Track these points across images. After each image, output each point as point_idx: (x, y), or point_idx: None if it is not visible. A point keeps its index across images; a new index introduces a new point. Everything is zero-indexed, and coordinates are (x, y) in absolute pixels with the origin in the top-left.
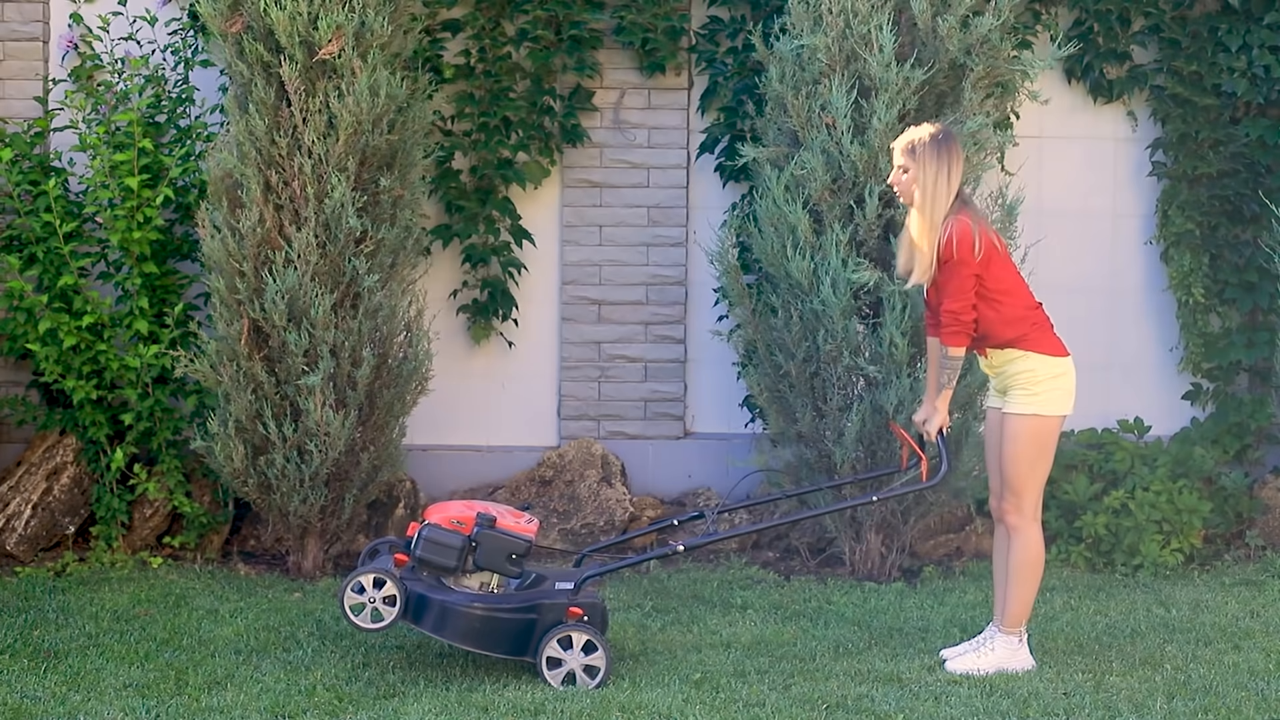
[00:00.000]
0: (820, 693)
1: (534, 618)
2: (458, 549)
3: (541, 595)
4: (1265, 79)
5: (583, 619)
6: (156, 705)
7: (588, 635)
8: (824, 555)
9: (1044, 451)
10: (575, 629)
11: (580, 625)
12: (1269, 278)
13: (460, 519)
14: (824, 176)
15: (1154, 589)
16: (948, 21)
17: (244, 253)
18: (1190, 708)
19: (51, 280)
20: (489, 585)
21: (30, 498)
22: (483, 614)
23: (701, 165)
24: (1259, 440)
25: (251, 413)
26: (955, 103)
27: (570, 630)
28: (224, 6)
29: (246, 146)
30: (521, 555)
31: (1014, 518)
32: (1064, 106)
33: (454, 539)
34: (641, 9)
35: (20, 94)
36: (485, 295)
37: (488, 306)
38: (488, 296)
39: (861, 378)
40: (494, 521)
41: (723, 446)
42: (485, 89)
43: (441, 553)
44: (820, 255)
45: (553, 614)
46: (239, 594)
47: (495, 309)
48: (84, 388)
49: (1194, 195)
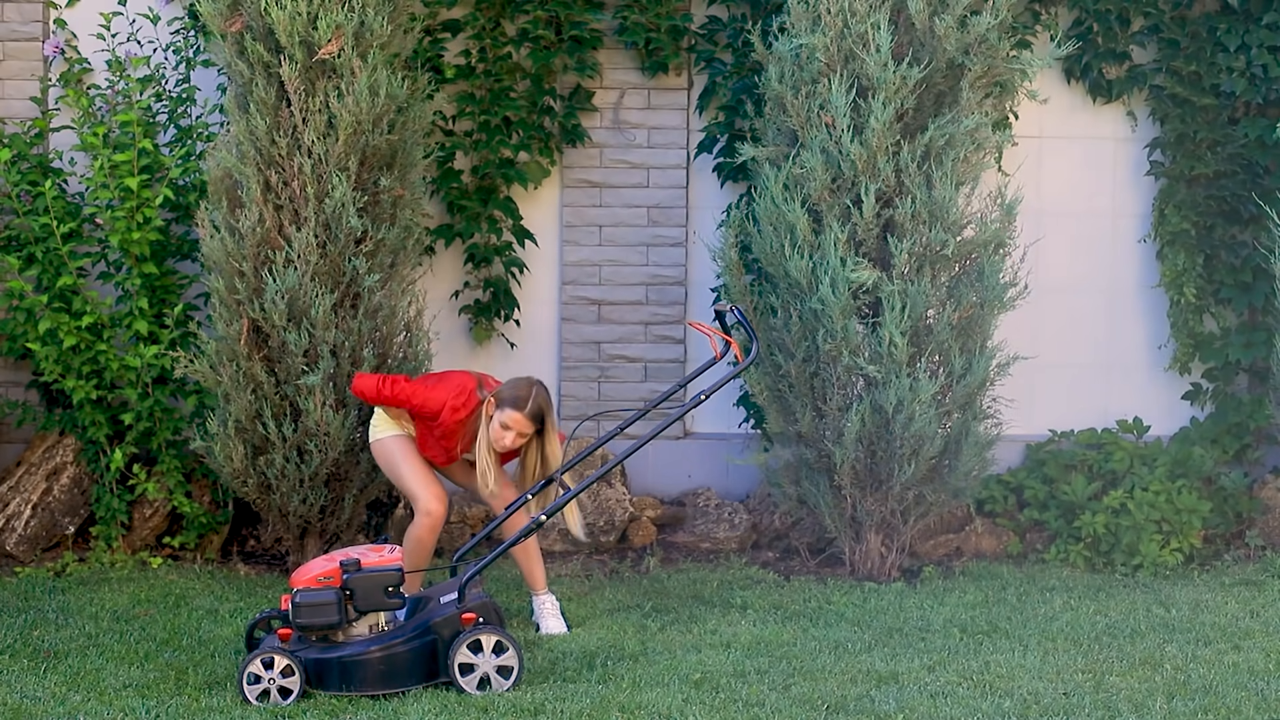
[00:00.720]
0: (820, 693)
1: (432, 639)
2: (335, 603)
3: (432, 614)
4: (1264, 79)
5: (479, 622)
6: (156, 705)
7: (495, 636)
8: (824, 555)
9: None
10: (476, 633)
11: (479, 629)
12: (1265, 278)
13: (325, 574)
14: (823, 176)
15: (1154, 589)
16: (945, 21)
17: (243, 252)
18: (1190, 708)
19: (51, 280)
20: (378, 625)
21: (30, 498)
22: (383, 654)
23: (701, 165)
24: (1258, 440)
25: (251, 413)
26: (953, 102)
27: (472, 636)
28: (224, 6)
29: (246, 146)
30: (398, 585)
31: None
32: (1063, 106)
33: (327, 595)
34: (644, 9)
35: (20, 94)
36: (488, 295)
37: (490, 307)
38: (490, 296)
39: (861, 377)
40: (358, 564)
41: (722, 446)
42: (486, 89)
43: (321, 612)
44: (819, 255)
45: (449, 628)
46: (239, 594)
47: (498, 309)
48: (83, 388)
49: (1191, 195)
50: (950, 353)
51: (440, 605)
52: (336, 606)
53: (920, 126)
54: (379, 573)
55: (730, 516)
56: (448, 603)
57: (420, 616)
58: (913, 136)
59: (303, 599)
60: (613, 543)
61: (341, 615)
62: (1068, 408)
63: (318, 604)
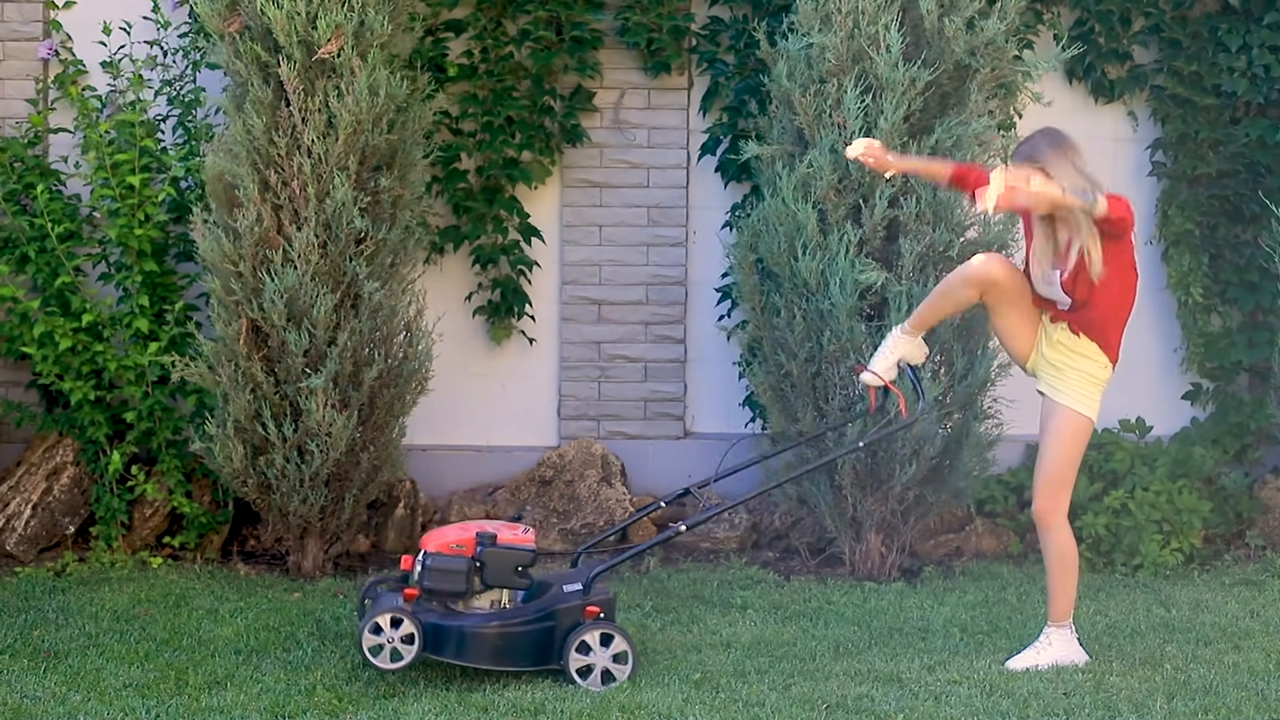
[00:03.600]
0: (820, 693)
1: (552, 625)
2: (464, 572)
3: (555, 600)
4: (1265, 79)
5: (599, 617)
6: (156, 705)
7: (611, 631)
8: (824, 555)
9: (1081, 454)
10: (595, 627)
11: (599, 623)
12: (1269, 277)
13: (460, 542)
14: (830, 176)
15: (1154, 589)
16: (954, 23)
17: (241, 253)
18: (1190, 708)
19: (47, 281)
20: (499, 602)
21: (30, 498)
22: (501, 631)
23: (702, 165)
24: (1259, 440)
25: (250, 413)
26: (959, 104)
27: (590, 630)
28: (222, 6)
29: (242, 146)
30: (528, 566)
31: (1046, 510)
32: (1065, 107)
33: (459, 563)
34: (646, 9)
35: (19, 94)
36: (498, 295)
37: (501, 306)
38: (500, 296)
39: None
40: (494, 538)
41: (723, 446)
42: (489, 89)
43: (449, 579)
44: (827, 255)
45: (570, 617)
46: (239, 594)
47: (510, 307)
48: (82, 388)
49: (1194, 195)
50: (952, 353)
51: (564, 593)
52: (466, 575)
53: (926, 128)
54: (513, 550)
55: (730, 516)
56: (572, 592)
57: (544, 601)
58: (919, 137)
59: (434, 563)
60: (613, 543)
61: (469, 585)
62: None
63: (449, 570)
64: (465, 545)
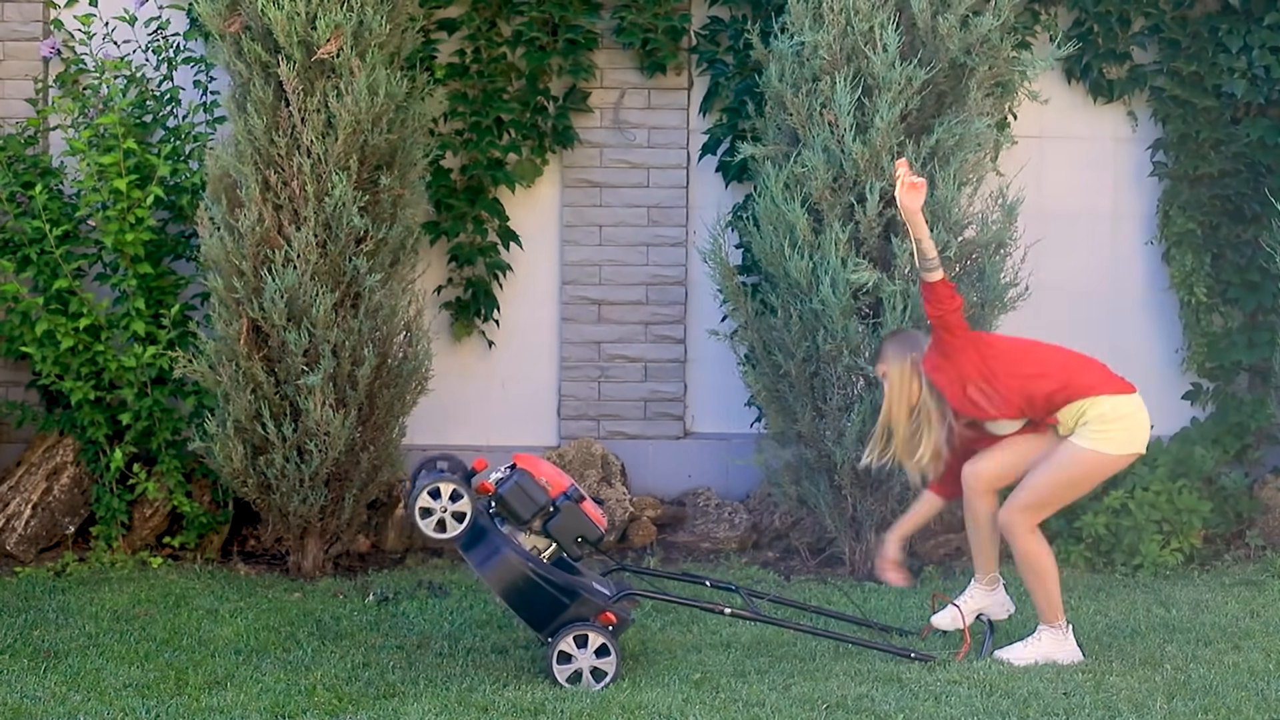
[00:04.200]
0: (820, 693)
1: (567, 602)
2: (540, 506)
3: (584, 586)
4: (1265, 79)
5: (608, 627)
6: (156, 705)
7: (605, 639)
8: (824, 555)
9: (1084, 483)
10: (597, 630)
11: (603, 629)
12: (1270, 278)
13: (551, 481)
14: (824, 175)
15: (1154, 589)
16: (948, 21)
17: (243, 252)
18: (1190, 708)
19: (47, 282)
20: (542, 551)
21: (30, 498)
22: (528, 574)
23: (702, 165)
24: (1259, 440)
25: (251, 413)
26: (955, 102)
27: (591, 630)
28: (222, 6)
29: (244, 145)
30: (590, 542)
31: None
32: (1064, 106)
33: (541, 495)
34: (642, 9)
35: (19, 94)
36: (469, 295)
37: (469, 306)
38: (471, 296)
39: (861, 377)
40: (581, 500)
41: (723, 446)
42: (479, 89)
43: (524, 503)
44: (819, 255)
45: (587, 608)
46: (239, 594)
47: (477, 309)
48: (82, 388)
49: (1195, 195)
50: None
51: (594, 585)
52: (539, 509)
53: (924, 127)
54: (587, 520)
55: (730, 516)
56: (600, 587)
57: (577, 579)
58: (916, 136)
59: (522, 480)
60: (613, 543)
61: (532, 517)
62: None
63: (529, 494)
64: (554, 486)
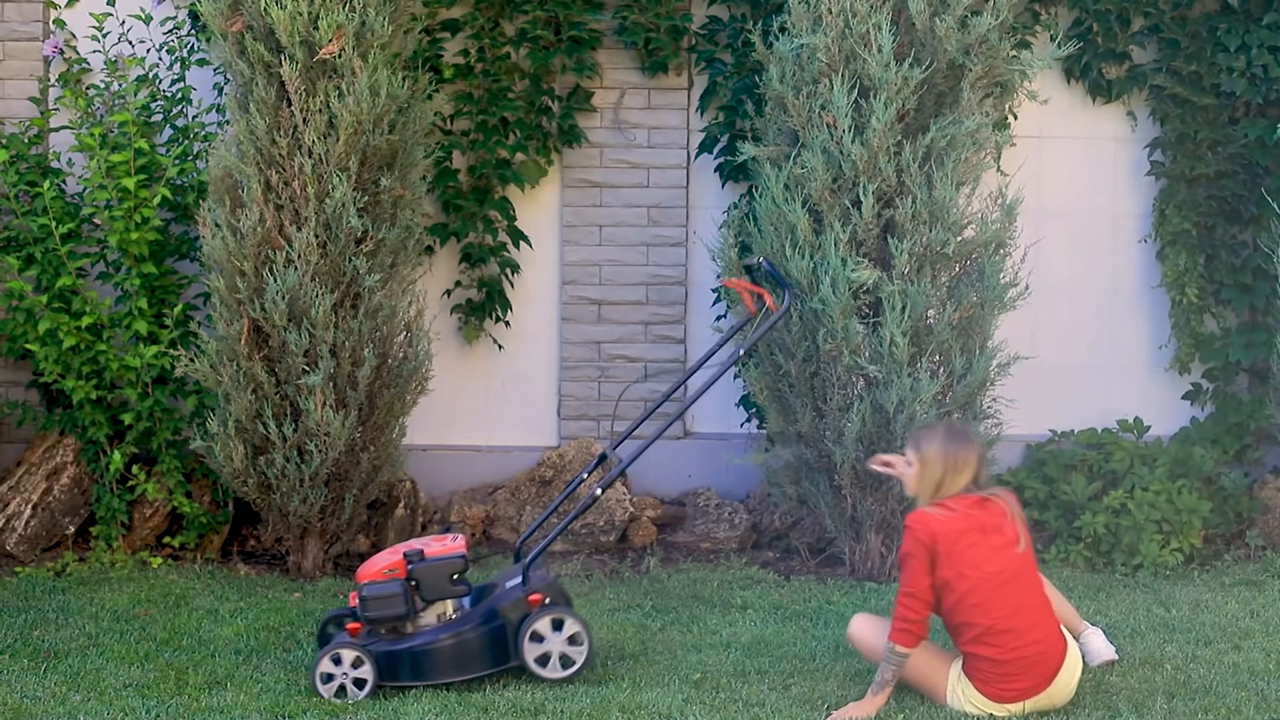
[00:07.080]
0: (820, 693)
1: (501, 623)
2: (401, 594)
3: (499, 599)
4: (1264, 79)
5: (545, 603)
6: (156, 705)
7: (559, 615)
8: (824, 555)
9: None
10: (544, 614)
11: (546, 609)
12: (1266, 278)
13: (390, 566)
14: (824, 176)
15: (1154, 589)
16: (945, 21)
17: (244, 252)
18: (1190, 708)
19: (50, 281)
20: (446, 614)
21: (30, 498)
22: (453, 642)
23: (701, 165)
24: (1259, 440)
25: (251, 413)
26: (954, 102)
27: (540, 617)
28: (224, 6)
29: (247, 145)
30: (462, 572)
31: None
32: (1063, 106)
33: (393, 586)
34: (644, 9)
35: (20, 94)
36: (482, 295)
37: (483, 306)
38: (484, 296)
39: (861, 377)
40: (422, 554)
41: (722, 446)
42: (484, 89)
43: (388, 604)
44: (819, 255)
45: (516, 610)
46: (239, 594)
47: (490, 309)
48: (83, 388)
49: (1192, 195)
50: (951, 353)
51: (506, 589)
52: (404, 597)
53: (921, 127)
54: (443, 561)
55: (730, 516)
56: (513, 586)
57: (486, 602)
58: (914, 136)
59: (369, 592)
60: (613, 542)
61: (409, 606)
62: (1068, 408)
63: (385, 596)
64: (396, 568)
